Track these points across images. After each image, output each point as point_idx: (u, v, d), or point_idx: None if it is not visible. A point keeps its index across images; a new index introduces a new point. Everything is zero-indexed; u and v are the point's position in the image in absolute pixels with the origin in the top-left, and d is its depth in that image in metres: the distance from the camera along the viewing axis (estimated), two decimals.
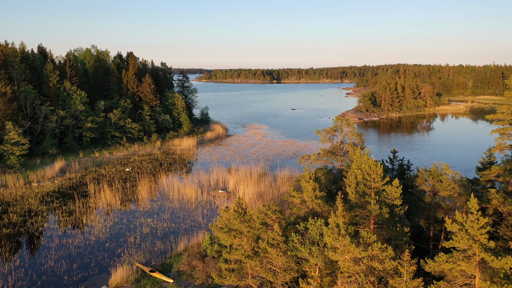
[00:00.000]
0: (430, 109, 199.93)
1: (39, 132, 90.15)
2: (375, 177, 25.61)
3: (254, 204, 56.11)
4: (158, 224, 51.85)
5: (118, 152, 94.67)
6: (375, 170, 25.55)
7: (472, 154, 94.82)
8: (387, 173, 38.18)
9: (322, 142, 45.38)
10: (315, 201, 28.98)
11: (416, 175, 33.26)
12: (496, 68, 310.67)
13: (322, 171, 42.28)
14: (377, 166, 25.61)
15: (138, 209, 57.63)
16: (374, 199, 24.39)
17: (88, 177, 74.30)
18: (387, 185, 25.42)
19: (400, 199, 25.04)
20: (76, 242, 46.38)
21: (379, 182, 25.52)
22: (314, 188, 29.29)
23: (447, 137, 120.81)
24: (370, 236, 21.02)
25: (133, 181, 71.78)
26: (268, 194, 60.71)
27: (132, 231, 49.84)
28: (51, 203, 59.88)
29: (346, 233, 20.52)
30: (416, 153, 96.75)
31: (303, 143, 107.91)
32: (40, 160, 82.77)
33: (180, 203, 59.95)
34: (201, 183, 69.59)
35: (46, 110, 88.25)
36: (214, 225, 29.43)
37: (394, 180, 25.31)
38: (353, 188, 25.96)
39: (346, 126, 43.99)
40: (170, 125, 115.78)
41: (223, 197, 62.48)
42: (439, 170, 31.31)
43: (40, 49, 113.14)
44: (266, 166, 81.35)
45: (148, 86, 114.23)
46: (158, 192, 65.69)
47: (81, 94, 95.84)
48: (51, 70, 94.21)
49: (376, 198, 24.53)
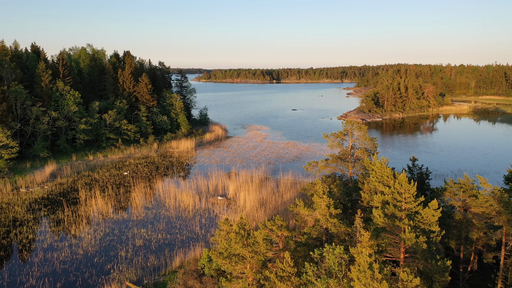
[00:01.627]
0: (433, 109, 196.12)
1: (30, 134, 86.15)
2: (407, 197, 21.74)
3: (256, 213, 52.20)
4: (152, 236, 47.93)
5: (113, 155, 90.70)
6: (408, 188, 21.65)
7: (483, 158, 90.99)
8: None
9: (331, 148, 41.51)
10: (330, 221, 25.12)
11: (444, 188, 29.35)
12: (498, 68, 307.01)
13: (332, 179, 38.40)
14: (410, 184, 21.69)
15: (131, 218, 53.69)
16: (408, 224, 20.48)
17: (80, 182, 70.34)
18: (419, 205, 21.43)
19: (437, 223, 21.14)
20: (62, 257, 42.43)
21: (412, 203, 21.65)
22: (329, 204, 25.42)
23: (454, 139, 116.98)
24: (411, 279, 17.06)
25: (127, 187, 67.85)
26: (271, 202, 56.80)
27: (123, 243, 45.91)
28: (39, 211, 55.93)
29: (382, 276, 16.62)
30: (424, 156, 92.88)
31: (306, 145, 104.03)
32: (30, 163, 78.77)
33: (177, 211, 56.04)
34: (199, 189, 65.68)
35: (37, 111, 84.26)
36: (212, 250, 25.47)
37: (432, 202, 21.37)
38: (380, 211, 21.93)
39: (358, 130, 40.10)
40: (168, 127, 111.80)
41: (223, 204, 58.59)
42: (472, 182, 27.46)
43: (33, 48, 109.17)
44: (267, 170, 77.44)
45: (145, 86, 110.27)
46: (153, 199, 61.76)
47: (74, 94, 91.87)
48: (43, 70, 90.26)
49: (410, 224, 20.62)
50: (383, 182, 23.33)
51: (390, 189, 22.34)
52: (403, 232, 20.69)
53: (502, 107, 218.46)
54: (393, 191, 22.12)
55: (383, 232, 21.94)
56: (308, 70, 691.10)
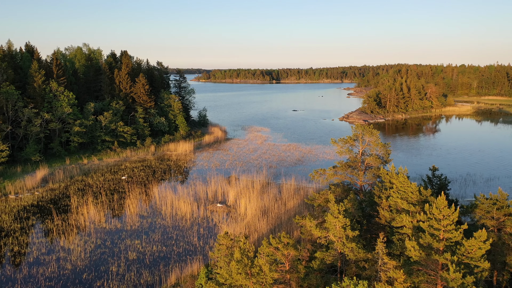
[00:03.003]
0: (436, 110, 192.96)
1: (22, 137, 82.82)
2: (446, 224, 18.54)
3: (258, 222, 48.94)
4: (147, 248, 44.67)
5: (109, 158, 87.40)
6: (447, 213, 18.41)
7: (492, 161, 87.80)
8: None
9: (339, 155, 38.30)
10: (347, 245, 21.91)
11: (475, 205, 26.09)
12: (500, 68, 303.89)
13: (342, 189, 35.18)
14: (451, 208, 18.47)
15: (125, 228, 50.42)
16: (451, 261, 17.23)
17: (72, 187, 67.05)
18: (459, 233, 18.09)
19: (485, 258, 17.88)
20: (48, 272, 39.16)
21: (454, 232, 18.46)
22: (345, 226, 22.25)
23: (460, 141, 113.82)
24: None
25: (122, 192, 64.59)
26: (274, 210, 53.55)
27: (116, 256, 42.65)
28: (27, 220, 52.65)
29: None
30: (431, 159, 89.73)
31: (308, 148, 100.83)
32: (21, 168, 75.48)
33: (173, 220, 52.78)
34: (198, 195, 62.42)
35: (29, 113, 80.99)
36: (209, 284, 22.17)
37: (479, 232, 18.13)
38: (414, 242, 18.57)
39: (369, 134, 36.89)
40: (166, 128, 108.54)
41: (222, 212, 55.34)
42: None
43: (27, 48, 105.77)
44: (269, 175, 74.20)
45: (142, 87, 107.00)
46: (149, 206, 58.48)
47: (68, 95, 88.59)
48: (36, 70, 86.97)
49: (454, 260, 17.36)
50: (407, 199, 20.20)
51: (425, 215, 19.06)
52: (444, 271, 17.45)
53: (505, 107, 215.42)
54: (429, 217, 18.87)
55: (415, 265, 18.74)
56: (308, 70, 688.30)
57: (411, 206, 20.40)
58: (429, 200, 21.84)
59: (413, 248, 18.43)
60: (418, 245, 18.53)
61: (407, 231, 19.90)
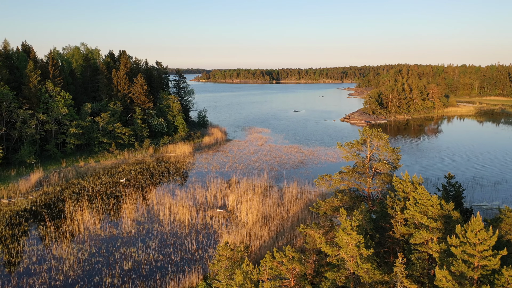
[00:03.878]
0: (438, 111, 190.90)
1: (17, 138, 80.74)
2: (483, 249, 16.51)
3: (259, 230, 46.88)
4: (143, 256, 42.60)
5: (106, 161, 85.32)
6: (483, 237, 16.30)
7: (498, 163, 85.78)
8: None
9: (346, 160, 36.24)
10: (362, 266, 19.89)
11: (500, 219, 23.99)
12: (502, 68, 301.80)
13: (349, 197, 33.13)
14: (488, 231, 16.38)
15: (120, 234, 48.35)
16: None
17: (67, 191, 64.97)
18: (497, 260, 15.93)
19: None
20: (38, 284, 37.09)
21: (491, 259, 16.43)
22: (358, 244, 20.24)
23: (464, 142, 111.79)
24: None
25: (119, 197, 62.53)
26: (276, 216, 51.47)
27: (110, 266, 40.58)
28: (18, 226, 50.58)
29: None
30: (436, 162, 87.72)
31: (310, 150, 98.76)
32: (15, 171, 73.43)
33: (171, 226, 50.71)
34: (197, 200, 60.36)
35: (24, 114, 78.91)
36: None
37: None
38: (445, 272, 16.48)
39: (378, 139, 34.84)
40: (165, 130, 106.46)
41: (222, 218, 53.28)
42: None
43: (24, 47, 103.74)
44: (270, 178, 72.12)
45: (140, 87, 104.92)
46: (146, 211, 56.39)
47: (65, 96, 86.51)
48: (32, 70, 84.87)
49: None
50: (426, 213, 18.19)
51: (457, 239, 16.96)
52: None
53: (508, 108, 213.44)
54: (462, 241, 16.80)
55: None
56: (308, 70, 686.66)
57: (432, 221, 18.42)
58: (451, 215, 19.80)
59: (445, 279, 16.29)
60: (451, 274, 16.38)
61: (429, 250, 17.93)
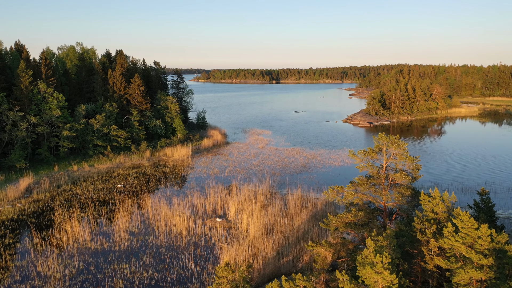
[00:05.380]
0: (442, 111, 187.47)
1: (7, 142, 77.15)
2: None
3: (263, 243, 43.31)
4: (136, 273, 39.05)
5: (101, 165, 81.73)
6: None
7: (509, 167, 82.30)
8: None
9: (360, 170, 32.72)
10: None
11: None
12: (504, 68, 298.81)
13: (364, 212, 29.61)
14: None
15: (112, 248, 44.79)
16: None
17: (58, 198, 61.40)
18: None
19: None
20: None
21: None
22: (391, 285, 16.67)
23: (471, 145, 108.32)
24: None
25: (112, 205, 58.96)
26: (279, 228, 47.90)
27: (99, 285, 37.03)
28: (3, 239, 47.00)
29: None
30: (443, 166, 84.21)
31: (312, 153, 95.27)
32: (4, 176, 69.83)
33: (167, 238, 47.17)
34: (195, 208, 56.82)
35: (14, 116, 75.32)
36: None
37: None
38: None
39: (395, 146, 31.35)
40: (162, 132, 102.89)
41: (222, 229, 49.73)
42: None
43: (17, 47, 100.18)
44: (272, 184, 68.60)
45: (137, 88, 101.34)
46: (140, 221, 52.81)
47: (58, 97, 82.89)
48: (23, 70, 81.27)
49: None
50: (473, 246, 14.81)
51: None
52: None
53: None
54: None
55: None
56: (308, 71, 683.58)
57: (482, 257, 15.06)
58: (505, 249, 16.46)
59: None
60: None
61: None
